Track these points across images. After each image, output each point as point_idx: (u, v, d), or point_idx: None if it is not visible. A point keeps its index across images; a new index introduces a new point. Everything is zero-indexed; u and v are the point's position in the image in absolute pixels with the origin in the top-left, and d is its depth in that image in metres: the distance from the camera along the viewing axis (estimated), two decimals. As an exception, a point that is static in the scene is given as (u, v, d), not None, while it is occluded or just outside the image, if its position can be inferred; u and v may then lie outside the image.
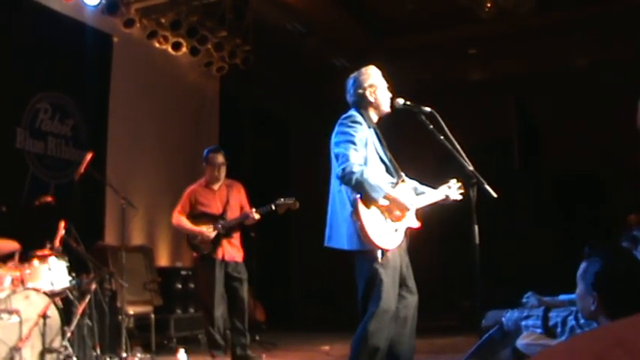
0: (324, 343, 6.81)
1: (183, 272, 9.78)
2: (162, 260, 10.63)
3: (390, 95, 4.91)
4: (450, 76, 12.71)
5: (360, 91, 4.96)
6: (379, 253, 4.52)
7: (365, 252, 4.55)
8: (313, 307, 12.29)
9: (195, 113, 11.88)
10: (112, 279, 7.24)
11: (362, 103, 4.95)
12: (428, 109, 4.60)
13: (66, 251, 6.51)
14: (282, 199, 6.84)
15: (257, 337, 8.68)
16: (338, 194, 4.73)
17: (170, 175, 10.84)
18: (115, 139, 9.89)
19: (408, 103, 4.71)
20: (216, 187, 7.34)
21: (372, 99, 4.92)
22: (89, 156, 6.95)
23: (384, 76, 5.02)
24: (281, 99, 12.82)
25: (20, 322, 5.10)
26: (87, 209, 8.99)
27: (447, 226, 12.95)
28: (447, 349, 7.69)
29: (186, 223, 7.24)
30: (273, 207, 6.84)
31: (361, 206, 4.48)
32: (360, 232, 4.47)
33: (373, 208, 4.54)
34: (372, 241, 4.46)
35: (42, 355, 5.56)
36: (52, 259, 6.27)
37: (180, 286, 9.61)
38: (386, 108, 4.92)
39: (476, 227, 4.34)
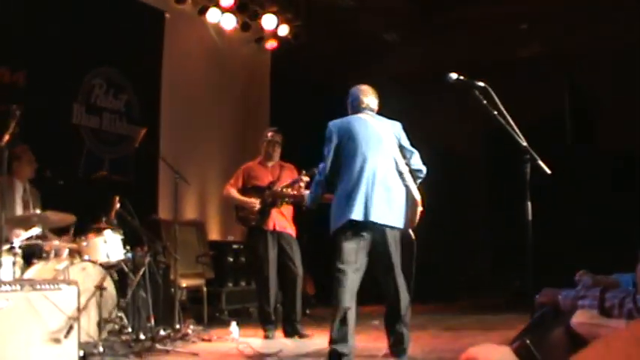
0: (373, 317, 6.82)
1: (234, 246, 9.85)
2: (214, 234, 10.73)
3: None
4: (500, 52, 12.52)
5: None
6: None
7: (406, 232, 5.54)
8: (363, 281, 12.31)
9: (246, 89, 11.92)
10: (166, 252, 7.35)
11: None
12: (481, 83, 4.54)
13: (120, 224, 6.63)
14: None
15: (307, 311, 8.73)
16: (396, 178, 5.42)
17: (222, 150, 10.93)
18: (168, 114, 9.98)
19: (462, 77, 4.65)
20: (270, 164, 7.40)
21: None
22: (143, 131, 7.03)
23: None
24: (332, 74, 12.77)
25: (78, 293, 5.20)
26: (141, 183, 9.12)
27: (497, 203, 12.90)
28: (497, 326, 7.64)
29: (235, 194, 7.30)
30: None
31: None
32: (415, 218, 5.45)
33: None
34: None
35: (98, 325, 5.68)
36: (108, 232, 6.39)
37: (231, 259, 9.69)
38: None
39: (529, 204, 4.29)
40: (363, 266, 5.36)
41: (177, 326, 6.74)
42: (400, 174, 5.45)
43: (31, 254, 6.02)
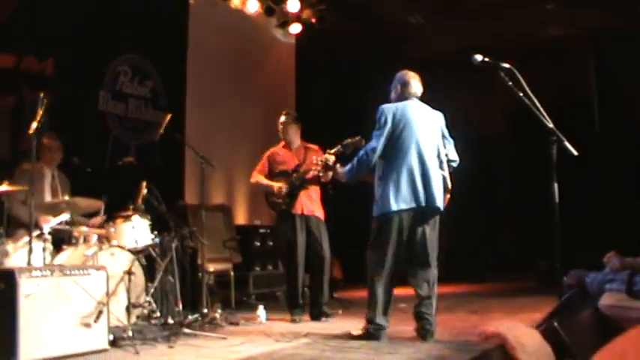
0: (400, 300, 6.82)
1: (261, 230, 9.88)
2: (241, 218, 10.78)
3: None
4: (526, 33, 12.39)
5: None
6: None
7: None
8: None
9: (271, 74, 11.92)
10: (193, 237, 7.37)
11: None
12: (507, 65, 4.52)
13: (148, 210, 6.66)
14: (349, 139, 6.76)
15: (334, 295, 8.75)
16: (438, 163, 5.67)
17: (247, 135, 10.94)
18: (193, 100, 10.01)
19: (486, 59, 4.62)
20: (293, 147, 7.40)
21: None
22: (168, 117, 7.05)
23: None
24: (357, 58, 12.74)
25: (107, 278, 5.25)
26: (167, 169, 9.17)
27: (524, 185, 12.83)
28: (524, 309, 7.61)
29: (262, 179, 7.30)
30: (341, 148, 6.69)
31: None
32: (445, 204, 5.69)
33: None
34: None
35: (127, 309, 5.71)
36: (135, 218, 6.44)
37: (258, 243, 9.72)
38: None
39: (556, 185, 4.26)
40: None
41: (205, 310, 6.76)
42: (440, 162, 5.69)
43: (60, 240, 6.11)
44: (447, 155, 5.77)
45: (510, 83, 4.48)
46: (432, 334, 5.52)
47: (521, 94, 4.40)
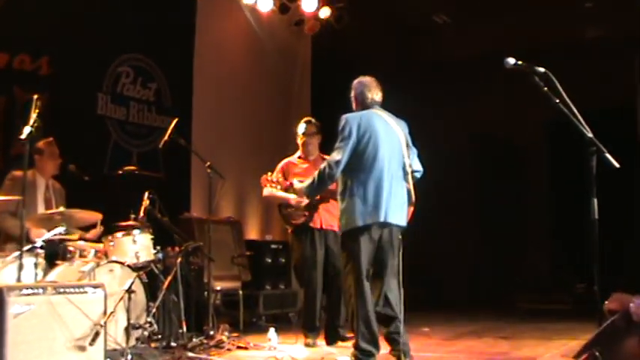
0: (423, 324, 6.78)
1: (273, 246, 9.86)
2: (252, 233, 10.75)
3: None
4: (564, 34, 12.33)
5: None
6: None
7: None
8: (411, 286, 12.26)
9: (285, 76, 11.90)
10: (199, 253, 7.35)
11: None
12: (542, 69, 4.46)
13: (150, 223, 6.64)
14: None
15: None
16: (402, 175, 5.73)
17: (260, 142, 10.91)
18: (201, 103, 9.99)
19: (519, 62, 4.57)
20: (311, 158, 7.33)
21: None
22: (174, 122, 7.03)
23: None
24: (378, 59, 12.70)
25: (105, 297, 5.22)
26: (172, 179, 9.13)
27: (559, 199, 12.75)
28: (559, 335, 7.53)
29: (276, 192, 7.18)
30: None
31: None
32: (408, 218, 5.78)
33: None
34: None
35: (126, 331, 5.68)
36: (137, 232, 6.41)
37: (270, 260, 9.69)
38: None
39: (595, 200, 4.20)
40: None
41: (211, 332, 6.72)
42: (405, 173, 5.76)
43: (54, 255, 6.06)
44: (410, 166, 5.82)
45: (546, 89, 4.43)
46: (407, 354, 5.57)
47: (557, 101, 4.34)
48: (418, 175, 5.93)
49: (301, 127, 7.39)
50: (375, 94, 5.96)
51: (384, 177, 5.61)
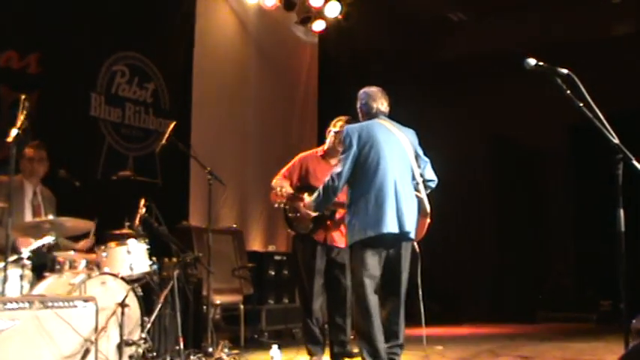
0: (437, 341, 6.74)
1: (277, 257, 9.82)
2: (254, 243, 10.75)
3: None
4: (590, 31, 12.30)
5: None
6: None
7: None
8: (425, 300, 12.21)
9: (291, 76, 11.91)
10: (197, 264, 7.31)
11: None
12: (565, 70, 4.43)
13: (146, 232, 6.60)
14: None
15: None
16: (412, 188, 5.79)
17: (263, 148, 10.91)
18: (201, 105, 10.01)
19: (541, 63, 4.54)
20: (334, 161, 7.05)
21: None
22: (172, 125, 7.02)
23: None
24: (389, 58, 12.69)
25: (96, 311, 5.20)
26: (170, 185, 9.15)
27: (582, 210, 12.70)
28: (583, 355, 7.49)
29: (288, 188, 7.00)
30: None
31: None
32: (423, 231, 5.81)
33: None
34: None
35: (119, 347, 5.66)
36: (131, 241, 6.36)
37: (273, 273, 9.64)
38: None
39: (621, 211, 4.16)
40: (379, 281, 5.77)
41: (210, 350, 6.71)
42: (415, 184, 5.84)
43: (42, 266, 6.02)
44: (422, 176, 5.90)
45: (568, 92, 4.40)
46: None
47: (581, 105, 4.31)
48: (432, 184, 6.01)
49: (338, 125, 7.12)
50: (381, 104, 6.03)
51: (388, 187, 5.68)
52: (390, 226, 5.61)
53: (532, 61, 4.53)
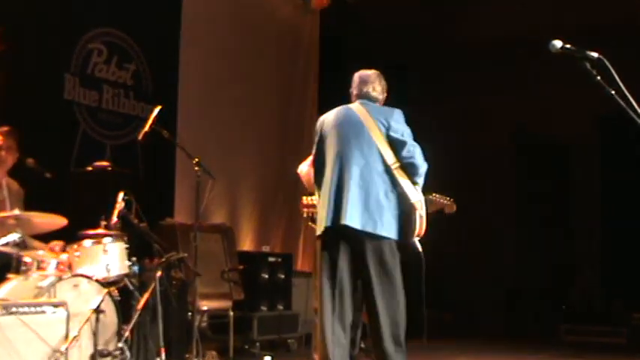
0: (447, 355, 6.71)
1: (271, 259, 9.82)
2: (246, 243, 10.75)
3: None
4: (619, 16, 12.28)
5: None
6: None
7: (406, 246, 5.60)
8: (434, 310, 12.23)
9: (289, 57, 11.90)
10: (182, 266, 7.31)
11: None
12: (595, 54, 4.39)
13: (125, 230, 6.59)
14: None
15: (362, 345, 8.64)
16: (381, 177, 5.61)
17: (257, 137, 10.91)
18: (188, 89, 10.00)
19: (568, 46, 4.50)
20: None
21: None
22: (156, 110, 6.98)
23: None
24: (397, 41, 12.68)
25: (67, 318, 5.18)
26: (152, 177, 9.14)
27: (612, 207, 12.68)
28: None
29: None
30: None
31: None
32: (414, 227, 5.54)
33: None
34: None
35: (93, 358, 5.64)
36: (108, 240, 6.35)
37: (267, 276, 9.63)
38: None
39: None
40: (347, 284, 5.61)
41: (195, 361, 6.71)
42: (387, 172, 5.66)
43: (5, 267, 5.99)
44: (402, 160, 5.67)
45: (599, 78, 4.36)
46: None
47: (612, 92, 4.27)
48: (414, 171, 5.68)
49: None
50: (372, 89, 6.06)
51: (342, 177, 5.63)
52: (344, 219, 5.49)
53: (558, 44, 4.49)
